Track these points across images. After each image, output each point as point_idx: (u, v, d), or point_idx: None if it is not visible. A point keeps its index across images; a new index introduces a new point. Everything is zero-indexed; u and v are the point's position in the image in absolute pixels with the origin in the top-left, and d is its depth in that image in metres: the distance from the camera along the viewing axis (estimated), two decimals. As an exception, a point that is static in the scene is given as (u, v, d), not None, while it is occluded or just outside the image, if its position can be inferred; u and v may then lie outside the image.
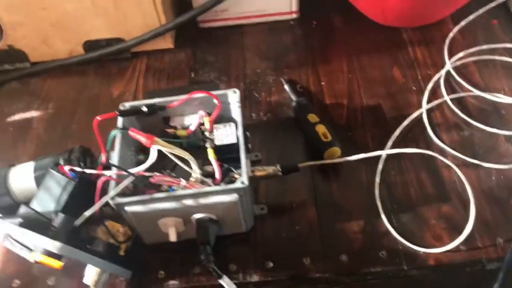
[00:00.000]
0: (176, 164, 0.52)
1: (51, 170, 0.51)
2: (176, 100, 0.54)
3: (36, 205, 0.50)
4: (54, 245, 0.40)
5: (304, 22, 0.77)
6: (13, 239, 0.49)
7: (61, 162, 0.55)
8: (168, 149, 0.49)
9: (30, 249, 0.48)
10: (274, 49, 0.74)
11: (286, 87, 0.67)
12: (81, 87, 0.73)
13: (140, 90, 0.71)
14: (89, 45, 0.74)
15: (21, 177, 0.56)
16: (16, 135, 0.68)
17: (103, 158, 0.52)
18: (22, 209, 0.50)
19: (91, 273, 0.49)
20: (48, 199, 0.50)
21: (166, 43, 0.75)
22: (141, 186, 0.51)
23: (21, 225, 0.46)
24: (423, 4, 0.67)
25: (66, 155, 0.56)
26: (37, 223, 0.47)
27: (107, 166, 0.52)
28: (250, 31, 0.77)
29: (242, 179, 0.48)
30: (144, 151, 0.56)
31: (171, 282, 0.52)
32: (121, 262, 0.51)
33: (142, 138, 0.49)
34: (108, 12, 0.70)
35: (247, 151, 0.55)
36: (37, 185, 0.56)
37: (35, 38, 0.73)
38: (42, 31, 0.72)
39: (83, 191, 0.51)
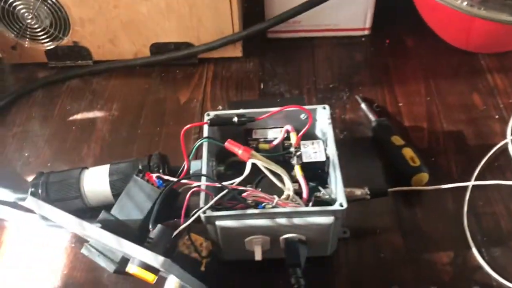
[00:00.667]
0: (262, 179, 0.50)
1: (136, 177, 0.48)
2: (265, 112, 0.52)
3: (117, 212, 0.48)
4: (157, 259, 0.38)
5: (376, 39, 0.75)
6: (91, 246, 0.47)
7: (140, 168, 0.52)
8: (265, 164, 0.46)
9: (110, 258, 0.46)
10: (346, 65, 0.72)
11: (363, 105, 0.65)
12: (146, 90, 0.71)
13: (208, 98, 0.69)
14: (157, 48, 0.72)
15: (95, 180, 0.54)
16: (80, 134, 0.65)
17: (185, 167, 0.50)
18: (103, 215, 0.47)
19: (170, 288, 0.47)
20: (131, 207, 0.48)
21: (235, 51, 0.73)
22: (224, 200, 0.49)
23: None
24: (508, 33, 0.65)
25: (146, 161, 0.54)
26: (118, 231, 0.45)
27: (187, 176, 0.50)
28: (320, 44, 0.75)
29: (340, 201, 0.46)
30: (223, 162, 0.54)
31: (250, 302, 0.50)
32: (201, 278, 0.48)
33: (239, 151, 0.47)
34: (182, 16, 0.68)
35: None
36: (111, 189, 0.53)
37: (102, 36, 0.71)
38: (111, 29, 0.70)
39: (165, 201, 0.48)
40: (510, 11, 0.57)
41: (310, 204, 0.48)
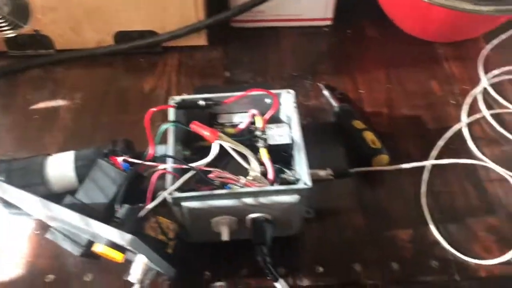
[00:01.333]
0: (228, 163, 0.50)
1: (101, 161, 0.48)
2: (231, 96, 0.53)
3: (82, 196, 0.48)
4: (124, 237, 0.38)
5: (338, 29, 0.77)
6: (56, 230, 0.47)
7: (106, 152, 0.52)
8: (232, 145, 0.47)
9: (76, 242, 0.46)
10: (310, 54, 0.74)
11: (325, 92, 0.67)
12: (109, 79, 0.70)
13: (173, 86, 0.69)
14: (120, 36, 0.71)
15: (60, 166, 0.53)
16: (42, 123, 0.64)
17: (150, 151, 0.50)
18: (68, 199, 0.47)
19: (137, 271, 0.47)
20: (96, 191, 0.48)
21: (200, 39, 0.73)
22: (192, 182, 0.49)
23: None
24: (464, 21, 0.68)
25: (110, 146, 0.53)
26: (83, 214, 0.45)
27: (153, 160, 0.50)
28: (284, 34, 0.76)
29: (304, 179, 0.47)
30: (188, 146, 0.55)
31: (217, 283, 0.50)
32: (168, 259, 0.48)
33: (206, 133, 0.47)
34: (146, 4, 0.68)
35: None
36: (77, 175, 0.53)
37: (64, 24, 0.70)
38: (74, 17, 0.69)
39: (131, 185, 0.48)
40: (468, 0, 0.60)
41: (276, 185, 0.49)
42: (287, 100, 0.55)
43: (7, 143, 0.63)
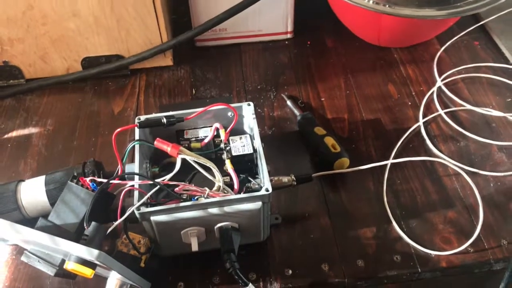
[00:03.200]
0: (193, 176, 0.53)
1: (70, 183, 0.50)
2: (193, 112, 0.55)
3: (54, 218, 0.49)
4: (91, 253, 0.40)
5: (298, 42, 0.80)
6: (31, 252, 0.48)
7: (75, 175, 0.54)
8: (194, 158, 0.49)
9: (50, 263, 0.48)
10: (273, 67, 0.77)
11: (289, 102, 0.69)
12: (80, 104, 0.72)
13: (142, 107, 0.71)
14: (88, 62, 0.74)
15: (32, 191, 0.55)
16: (16, 151, 0.66)
17: (119, 170, 0.52)
18: (41, 222, 0.49)
19: (112, 286, 0.49)
20: (67, 212, 0.49)
21: (166, 60, 0.76)
22: (159, 197, 0.51)
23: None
24: (414, 26, 0.71)
25: (80, 168, 0.55)
26: (55, 235, 0.47)
27: (123, 178, 0.52)
28: (247, 49, 0.80)
29: (265, 186, 0.49)
30: (157, 163, 0.57)
31: (191, 293, 0.52)
32: (141, 273, 0.50)
33: (168, 148, 0.49)
34: (110, 29, 0.70)
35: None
36: (48, 199, 0.55)
37: (32, 54, 0.72)
38: (41, 47, 0.71)
39: (101, 204, 0.50)
40: (412, 6, 0.64)
41: (241, 194, 0.51)
42: (248, 112, 0.57)
43: (-19, 173, 0.64)
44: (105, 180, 0.50)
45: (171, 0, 0.83)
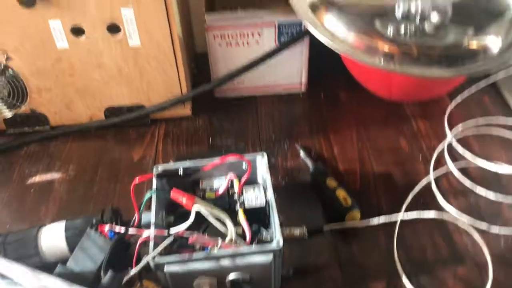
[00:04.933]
0: (208, 226, 0.54)
1: (89, 230, 0.52)
2: (209, 163, 0.57)
3: (72, 265, 0.51)
4: (107, 303, 0.41)
5: (313, 94, 0.83)
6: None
7: (94, 222, 0.56)
8: (208, 210, 0.51)
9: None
10: (287, 118, 0.79)
11: (302, 153, 0.72)
12: (101, 151, 0.75)
13: (160, 155, 0.74)
14: (111, 111, 0.77)
15: (52, 237, 0.57)
16: (38, 196, 0.69)
17: (136, 218, 0.54)
18: (59, 269, 0.51)
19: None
20: (85, 259, 0.51)
21: (185, 110, 0.79)
22: (174, 247, 0.53)
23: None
24: (424, 84, 0.74)
25: (99, 216, 0.58)
26: (73, 282, 0.48)
27: (139, 227, 0.54)
28: (263, 101, 0.83)
29: (277, 239, 0.51)
30: (173, 212, 0.59)
31: None
32: (155, 322, 0.51)
33: (183, 199, 0.51)
34: (133, 80, 0.74)
35: (277, 213, 0.57)
36: (67, 245, 0.57)
37: (58, 102, 0.76)
38: (67, 96, 0.75)
39: (118, 251, 0.52)
40: (420, 66, 0.66)
41: (253, 245, 0.53)
42: (262, 163, 0.59)
43: (4, 216, 0.67)
44: (122, 228, 0.52)
45: (192, 52, 0.87)
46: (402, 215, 0.62)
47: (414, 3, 0.62)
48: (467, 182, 0.66)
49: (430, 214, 0.62)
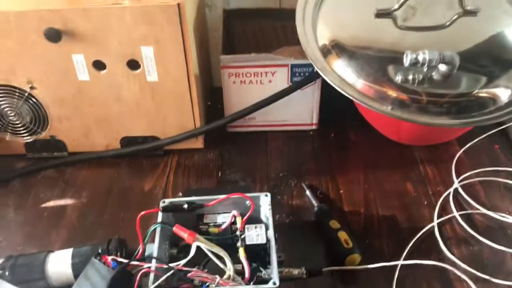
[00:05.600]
0: (207, 262, 0.56)
1: (94, 259, 0.54)
2: (213, 199, 0.59)
3: (76, 292, 0.53)
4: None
5: (323, 133, 0.85)
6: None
7: (99, 251, 0.58)
8: (208, 247, 0.53)
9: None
10: (296, 156, 0.81)
11: (308, 192, 0.73)
12: (114, 180, 0.78)
13: (170, 186, 0.76)
14: (126, 141, 0.80)
15: (59, 262, 0.59)
16: (50, 221, 0.71)
17: (140, 250, 0.56)
18: (62, 295, 0.53)
19: None
20: (88, 286, 0.53)
21: (197, 143, 0.82)
22: (174, 280, 0.54)
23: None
24: (432, 130, 0.75)
25: (105, 245, 0.60)
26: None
27: (143, 258, 0.56)
28: (273, 137, 0.85)
29: (274, 279, 0.52)
30: (176, 245, 0.61)
31: None
32: None
33: (185, 235, 0.53)
34: (149, 113, 0.77)
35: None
36: (73, 271, 0.59)
37: (77, 131, 0.79)
38: (85, 125, 0.79)
39: (119, 281, 0.54)
40: (428, 115, 0.67)
41: (251, 283, 0.54)
42: (265, 202, 0.61)
43: (18, 239, 0.69)
44: (124, 260, 0.53)
45: (208, 88, 0.90)
46: (401, 262, 0.63)
47: (421, 54, 0.63)
48: (471, 231, 0.66)
49: (431, 261, 0.62)
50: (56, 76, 0.73)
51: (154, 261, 0.53)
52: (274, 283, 0.51)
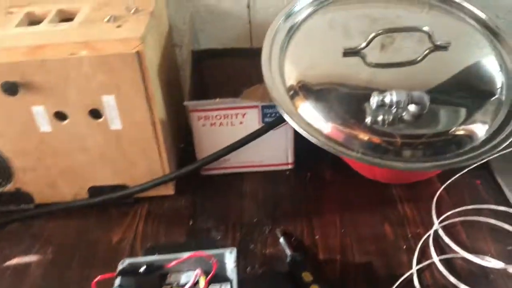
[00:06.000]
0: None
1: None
2: (174, 261, 0.56)
3: None
4: None
5: (299, 173, 0.82)
6: None
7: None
8: (164, 315, 0.50)
9: None
10: (271, 198, 0.78)
11: (282, 240, 0.69)
12: (82, 232, 0.75)
13: (139, 237, 0.73)
14: (94, 191, 0.77)
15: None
16: (13, 280, 0.68)
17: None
18: None
19: None
20: None
21: (168, 190, 0.79)
22: None
23: None
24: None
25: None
26: None
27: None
28: (249, 178, 0.82)
29: None
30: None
31: None
32: None
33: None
34: (116, 162, 0.75)
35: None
36: None
37: (42, 182, 0.76)
38: (51, 176, 0.76)
39: None
40: (401, 158, 0.64)
41: None
42: (230, 260, 0.58)
43: (-22, 300, 0.66)
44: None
45: (183, 129, 0.87)
46: (379, 314, 0.59)
47: (388, 96, 0.61)
48: (451, 278, 0.63)
49: (409, 313, 0.59)
50: (17, 128, 0.71)
51: (108, 332, 0.50)
52: None
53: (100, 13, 0.74)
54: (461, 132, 0.66)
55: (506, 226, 0.69)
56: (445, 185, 0.76)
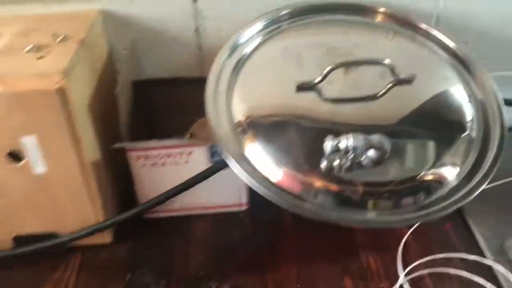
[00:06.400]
0: None
1: None
2: None
3: None
4: None
5: (254, 215, 0.74)
6: None
7: None
8: None
9: None
10: (221, 246, 0.70)
11: (229, 300, 0.62)
12: (6, 286, 0.66)
13: (69, 295, 0.64)
14: (20, 240, 0.68)
15: None
16: None
17: None
18: None
19: None
20: None
21: (104, 238, 0.70)
22: None
23: None
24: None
25: None
26: None
27: None
28: (198, 221, 0.73)
29: None
30: None
31: None
32: None
33: None
34: (43, 208, 0.66)
35: None
36: None
37: (-39, 230, 0.67)
38: (-31, 223, 0.67)
39: None
40: (361, 210, 0.57)
41: None
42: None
43: None
44: None
45: (123, 168, 0.78)
46: None
47: (344, 140, 0.54)
48: None
49: None
50: None
51: None
52: None
53: (23, 40, 0.65)
54: (430, 177, 0.60)
55: (478, 280, 0.62)
56: (411, 229, 0.69)
